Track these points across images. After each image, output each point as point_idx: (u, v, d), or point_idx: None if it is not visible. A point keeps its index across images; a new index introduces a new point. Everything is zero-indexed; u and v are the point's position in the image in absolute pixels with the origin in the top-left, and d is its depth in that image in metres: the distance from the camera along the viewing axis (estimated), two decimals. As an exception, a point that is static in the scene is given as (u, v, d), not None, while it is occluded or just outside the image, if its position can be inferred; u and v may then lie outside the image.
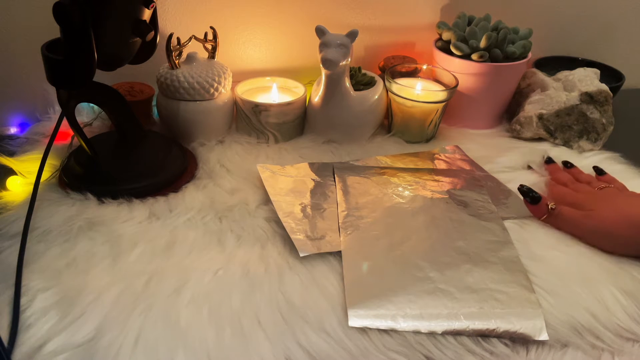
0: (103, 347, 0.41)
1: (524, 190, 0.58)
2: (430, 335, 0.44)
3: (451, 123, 0.78)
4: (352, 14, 0.80)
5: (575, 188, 0.60)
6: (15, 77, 0.71)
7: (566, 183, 0.62)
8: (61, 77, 0.52)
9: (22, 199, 0.56)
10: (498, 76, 0.73)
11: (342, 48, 0.63)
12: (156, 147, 0.64)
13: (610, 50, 0.93)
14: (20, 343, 0.41)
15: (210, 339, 0.42)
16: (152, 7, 0.54)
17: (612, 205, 0.54)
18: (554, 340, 0.44)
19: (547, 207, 0.56)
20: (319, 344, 0.42)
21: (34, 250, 0.50)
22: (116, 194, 0.57)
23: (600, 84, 0.73)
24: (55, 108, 0.71)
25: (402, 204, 0.58)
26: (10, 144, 0.67)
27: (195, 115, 0.67)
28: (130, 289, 0.46)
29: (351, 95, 0.69)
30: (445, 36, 0.75)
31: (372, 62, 0.84)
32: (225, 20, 0.76)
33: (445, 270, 0.49)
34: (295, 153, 0.69)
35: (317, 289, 0.47)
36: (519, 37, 0.74)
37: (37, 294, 0.45)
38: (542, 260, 0.51)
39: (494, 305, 0.46)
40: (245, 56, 0.80)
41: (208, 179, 0.63)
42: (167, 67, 0.66)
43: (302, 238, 0.52)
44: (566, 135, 0.73)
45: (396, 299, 0.46)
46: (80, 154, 0.61)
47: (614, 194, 0.57)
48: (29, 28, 0.68)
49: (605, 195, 0.57)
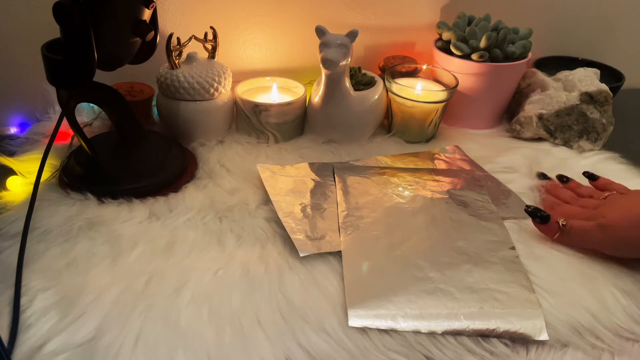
0: (103, 347, 0.41)
1: (530, 211, 0.54)
2: (430, 335, 0.44)
3: (451, 123, 0.78)
4: (352, 14, 0.80)
5: (582, 204, 0.57)
6: (15, 77, 0.71)
7: (568, 201, 0.59)
8: (61, 77, 0.52)
9: (22, 199, 0.56)
10: (498, 76, 0.73)
11: (342, 48, 0.63)
12: (156, 147, 0.64)
13: (610, 50, 0.93)
14: (20, 343, 0.41)
15: (210, 339, 0.42)
16: (152, 7, 0.54)
17: (620, 209, 0.52)
18: (554, 340, 0.44)
19: (558, 224, 0.53)
20: (319, 344, 0.42)
21: (34, 250, 0.50)
22: (116, 194, 0.57)
23: (600, 84, 0.73)
24: (55, 108, 0.71)
25: (402, 204, 0.58)
26: (10, 144, 0.67)
27: (195, 115, 0.67)
28: (130, 289, 0.46)
29: (351, 95, 0.69)
30: (445, 36, 0.75)
31: (372, 62, 0.84)
32: (225, 20, 0.76)
33: (445, 270, 0.49)
34: (295, 153, 0.69)
35: (317, 289, 0.47)
36: (519, 37, 0.74)
37: (37, 294, 0.45)
38: (542, 260, 0.51)
39: (494, 305, 0.46)
40: (245, 56, 0.80)
41: (208, 179, 0.63)
42: (167, 67, 0.66)
43: (302, 238, 0.52)
44: (566, 135, 0.73)
45: (396, 299, 0.46)
46: (80, 154, 0.61)
47: (619, 197, 0.55)
48: (29, 28, 0.68)
49: (612, 202, 0.55)
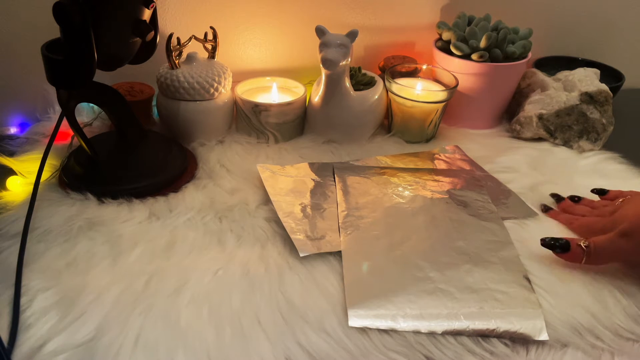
0: (103, 347, 0.41)
1: (549, 243, 0.50)
2: (430, 335, 0.44)
3: (451, 123, 0.78)
4: (352, 14, 0.80)
5: (599, 213, 0.55)
6: (15, 77, 0.71)
7: (585, 214, 0.57)
8: (61, 77, 0.52)
9: (22, 199, 0.56)
10: (498, 76, 0.73)
11: (342, 48, 0.63)
12: (156, 147, 0.64)
13: (610, 50, 0.93)
14: (20, 343, 0.41)
15: (210, 339, 0.42)
16: (152, 7, 0.54)
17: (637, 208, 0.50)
18: (554, 340, 0.44)
19: (581, 247, 0.49)
20: (319, 344, 0.42)
21: (34, 250, 0.50)
22: (116, 194, 0.57)
23: (600, 84, 0.73)
24: (55, 108, 0.71)
25: (402, 204, 0.58)
26: (10, 144, 0.67)
27: (195, 115, 0.67)
28: (130, 289, 0.46)
29: (351, 95, 0.69)
30: (445, 36, 0.75)
31: (372, 62, 0.84)
32: (225, 20, 0.76)
33: (445, 270, 0.49)
34: (295, 153, 0.69)
35: (317, 289, 0.47)
36: (519, 37, 0.74)
37: (37, 294, 0.45)
38: (542, 260, 0.51)
39: (494, 305, 0.46)
40: (245, 56, 0.80)
41: (208, 179, 0.63)
42: (167, 67, 0.66)
43: (302, 238, 0.52)
44: (566, 135, 0.73)
45: (396, 299, 0.46)
46: (80, 154, 0.61)
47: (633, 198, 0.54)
48: (29, 28, 0.68)
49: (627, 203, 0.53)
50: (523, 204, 0.60)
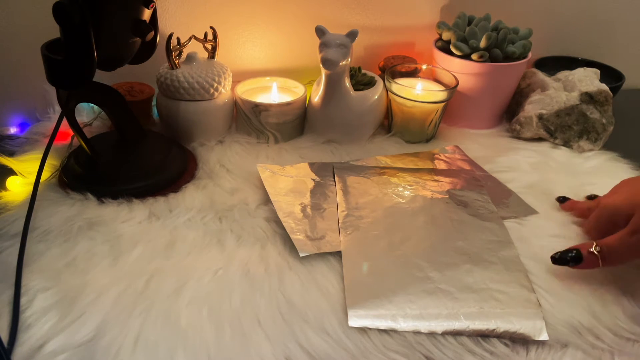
0: (103, 347, 0.41)
1: (561, 258, 0.49)
2: (430, 335, 0.44)
3: (451, 123, 0.78)
4: (352, 14, 0.80)
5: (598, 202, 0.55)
6: (15, 77, 0.71)
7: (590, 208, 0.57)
8: (61, 77, 0.52)
9: (22, 199, 0.56)
10: (498, 76, 0.73)
11: (342, 48, 0.63)
12: (156, 147, 0.64)
13: (610, 50, 0.93)
14: (20, 343, 0.41)
15: (210, 339, 0.42)
16: (152, 7, 0.54)
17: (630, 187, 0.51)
18: (554, 340, 0.44)
19: (594, 254, 0.48)
20: (319, 344, 0.42)
21: (34, 250, 0.50)
22: (116, 194, 0.57)
23: (600, 84, 0.73)
24: (55, 108, 0.71)
25: (402, 204, 0.58)
26: (10, 144, 0.67)
27: (195, 115, 0.67)
28: (130, 289, 0.46)
29: (351, 95, 0.69)
30: (445, 36, 0.75)
31: (372, 62, 0.84)
32: (225, 20, 0.76)
33: (445, 270, 0.49)
34: (295, 153, 0.69)
35: (317, 289, 0.47)
36: (519, 37, 0.74)
37: (37, 294, 0.45)
38: (542, 260, 0.51)
39: (494, 305, 0.46)
40: (245, 56, 0.80)
41: (208, 179, 0.63)
42: (167, 67, 0.66)
43: (302, 238, 0.52)
44: (566, 135, 0.73)
45: (396, 299, 0.46)
46: (80, 154, 0.61)
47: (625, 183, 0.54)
48: (29, 28, 0.68)
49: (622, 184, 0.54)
50: (523, 204, 0.60)
